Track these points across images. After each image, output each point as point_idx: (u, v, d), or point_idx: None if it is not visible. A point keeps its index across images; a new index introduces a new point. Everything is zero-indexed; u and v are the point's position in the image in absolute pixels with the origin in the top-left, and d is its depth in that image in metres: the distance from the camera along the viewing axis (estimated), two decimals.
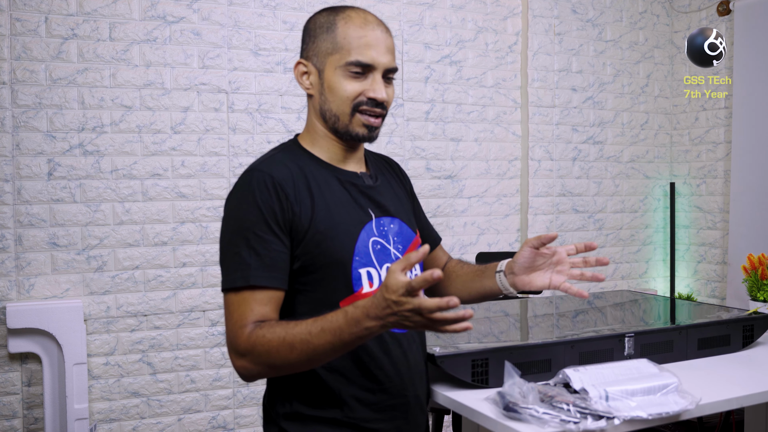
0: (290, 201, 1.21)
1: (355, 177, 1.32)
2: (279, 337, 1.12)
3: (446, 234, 3.30)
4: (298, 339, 1.11)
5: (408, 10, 3.21)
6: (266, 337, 1.13)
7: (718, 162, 3.68)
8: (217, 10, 2.83)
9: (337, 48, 1.26)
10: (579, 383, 1.28)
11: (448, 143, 3.31)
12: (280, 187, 1.21)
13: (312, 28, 1.31)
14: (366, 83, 1.26)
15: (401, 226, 1.34)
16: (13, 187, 2.54)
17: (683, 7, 3.83)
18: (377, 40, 1.26)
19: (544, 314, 1.94)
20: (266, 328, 1.14)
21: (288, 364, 1.13)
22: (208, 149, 2.83)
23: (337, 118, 1.28)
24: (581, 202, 3.65)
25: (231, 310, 1.18)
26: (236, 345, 1.15)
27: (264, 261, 1.18)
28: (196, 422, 2.81)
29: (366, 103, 1.26)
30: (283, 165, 1.25)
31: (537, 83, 3.49)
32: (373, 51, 1.25)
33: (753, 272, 2.13)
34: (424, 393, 1.37)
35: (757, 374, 1.51)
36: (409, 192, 1.51)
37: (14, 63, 2.53)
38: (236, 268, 1.18)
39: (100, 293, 2.67)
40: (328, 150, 1.32)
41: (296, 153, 1.31)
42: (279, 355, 1.12)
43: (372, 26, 1.27)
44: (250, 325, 1.15)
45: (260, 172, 1.22)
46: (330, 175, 1.29)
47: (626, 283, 3.79)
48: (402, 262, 1.02)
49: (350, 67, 1.25)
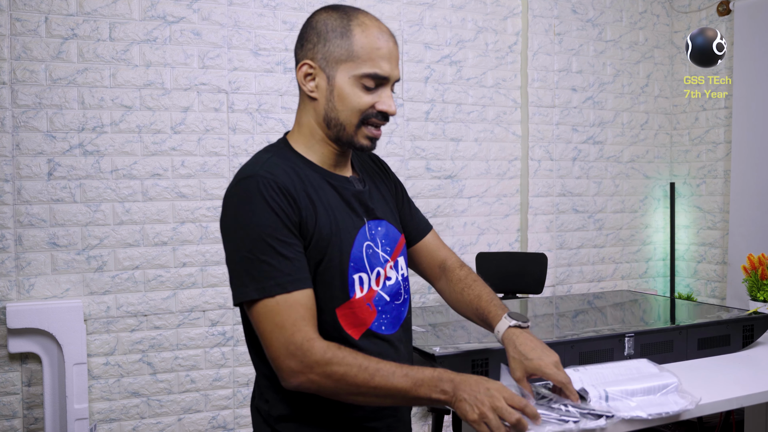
0: (298, 205, 1.19)
1: (346, 182, 1.30)
2: (358, 362, 1.12)
3: (446, 234, 3.30)
4: (380, 374, 1.12)
5: (408, 10, 3.21)
6: (347, 359, 1.12)
7: (718, 162, 3.68)
8: (217, 10, 2.83)
9: (353, 56, 1.21)
10: (579, 383, 1.28)
11: (448, 143, 3.31)
12: (287, 191, 1.18)
13: (322, 29, 1.24)
14: (376, 95, 1.24)
15: (388, 228, 1.33)
16: (13, 187, 2.54)
17: (683, 7, 3.83)
18: (391, 52, 1.24)
19: (544, 314, 1.94)
20: (346, 350, 1.13)
21: (355, 390, 1.13)
22: (208, 149, 2.83)
23: (343, 127, 1.25)
24: (581, 202, 3.65)
25: (276, 320, 1.14)
26: (306, 356, 1.12)
27: (295, 264, 1.16)
28: (196, 422, 2.81)
29: (375, 115, 1.25)
30: (280, 169, 1.22)
31: (537, 83, 3.49)
32: (388, 64, 1.23)
33: (753, 272, 2.13)
34: None
35: (757, 374, 1.51)
36: (394, 184, 1.48)
37: (14, 63, 2.53)
38: (269, 276, 1.14)
39: (100, 293, 2.67)
40: (322, 154, 1.29)
41: (288, 156, 1.27)
42: (355, 379, 1.12)
43: (386, 37, 1.24)
44: (317, 338, 1.13)
45: (264, 178, 1.18)
46: (322, 180, 1.27)
47: (626, 283, 3.79)
48: (520, 400, 1.11)
49: (366, 79, 1.22)
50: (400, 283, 1.33)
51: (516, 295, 3.11)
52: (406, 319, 1.35)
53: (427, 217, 3.60)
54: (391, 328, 1.30)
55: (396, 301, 1.31)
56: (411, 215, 1.48)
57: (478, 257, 3.17)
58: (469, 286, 1.44)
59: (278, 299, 1.13)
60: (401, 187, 1.49)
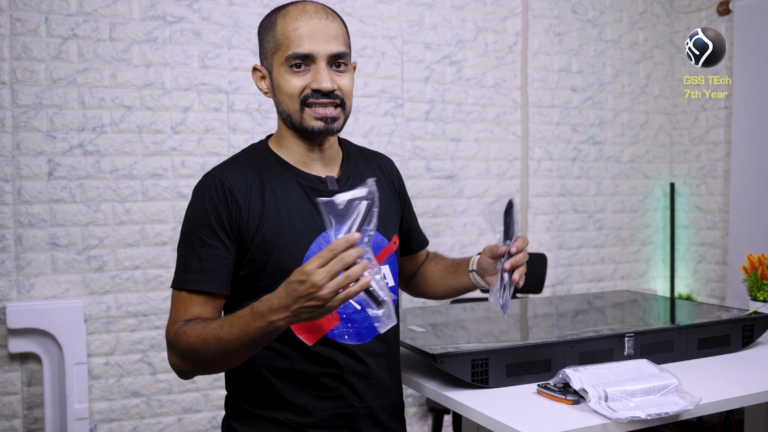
0: (239, 207, 1.21)
1: (318, 181, 1.29)
2: (197, 332, 1.14)
3: (446, 234, 3.30)
4: (211, 334, 1.12)
5: (408, 10, 3.21)
6: (187, 333, 1.15)
7: (718, 162, 3.68)
8: (217, 10, 2.83)
9: (278, 45, 1.24)
10: (579, 383, 1.28)
11: (448, 143, 3.31)
12: (230, 193, 1.22)
13: (260, 32, 1.30)
14: (309, 75, 1.23)
15: None
16: (13, 187, 2.54)
17: (683, 7, 3.83)
18: (314, 28, 1.22)
19: (544, 314, 1.94)
20: (190, 324, 1.17)
21: (206, 359, 1.15)
22: (208, 149, 2.83)
23: (290, 116, 1.26)
24: (581, 202, 3.65)
25: (173, 311, 1.22)
26: (168, 341, 1.20)
27: (204, 266, 1.20)
28: (196, 422, 2.82)
29: (312, 95, 1.23)
30: (239, 170, 1.25)
31: (537, 83, 3.49)
32: (309, 41, 1.21)
33: (753, 272, 2.12)
34: (387, 406, 1.33)
35: (757, 374, 1.51)
36: (398, 193, 1.46)
37: (14, 63, 2.53)
38: (180, 270, 1.22)
39: (100, 293, 2.67)
40: (294, 151, 1.30)
41: (261, 156, 1.30)
42: (196, 350, 1.14)
43: (308, 15, 1.23)
44: (180, 322, 1.19)
45: (213, 177, 1.24)
46: (291, 180, 1.27)
47: (626, 283, 3.80)
48: (317, 259, 1.00)
49: (289, 61, 1.22)
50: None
51: (516, 295, 3.12)
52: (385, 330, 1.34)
53: (427, 217, 3.60)
54: (357, 339, 1.26)
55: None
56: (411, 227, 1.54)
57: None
58: (434, 263, 1.57)
59: (182, 294, 1.21)
60: (407, 198, 1.52)
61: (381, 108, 3.13)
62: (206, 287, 1.20)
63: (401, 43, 3.19)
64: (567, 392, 1.30)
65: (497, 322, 1.80)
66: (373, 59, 3.12)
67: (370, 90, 3.11)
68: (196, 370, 1.20)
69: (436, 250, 1.69)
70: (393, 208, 1.42)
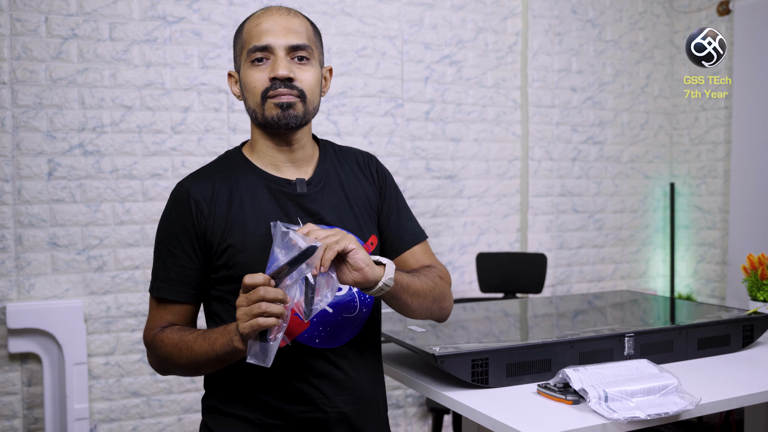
0: (204, 217, 1.25)
1: (286, 184, 1.28)
2: (173, 342, 1.22)
3: (446, 234, 3.30)
4: (186, 346, 1.20)
5: (408, 10, 3.21)
6: (164, 341, 1.24)
7: (718, 162, 3.68)
8: (217, 10, 2.83)
9: (243, 45, 1.28)
10: (579, 383, 1.28)
11: (448, 143, 3.31)
12: (195, 203, 1.25)
13: (233, 39, 1.34)
14: (269, 68, 1.25)
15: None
16: (13, 187, 2.54)
17: (683, 7, 3.83)
18: (274, 23, 1.25)
19: (544, 314, 1.94)
20: (167, 332, 1.24)
21: (180, 366, 1.23)
22: (208, 149, 2.83)
23: (255, 111, 1.27)
24: (581, 202, 3.65)
25: (149, 315, 1.31)
26: (144, 342, 1.29)
27: (170, 275, 1.26)
28: (196, 422, 2.82)
29: (271, 87, 1.24)
30: (207, 179, 1.28)
31: (537, 83, 3.49)
32: (268, 34, 1.24)
33: (753, 272, 2.12)
34: (363, 411, 1.30)
35: (757, 374, 1.52)
36: (379, 190, 1.38)
37: (14, 63, 2.53)
38: (152, 276, 1.29)
39: (100, 293, 2.67)
40: (265, 154, 1.30)
41: (234, 163, 1.31)
42: (171, 357, 1.22)
43: (270, 13, 1.27)
44: (157, 328, 1.27)
45: (181, 188, 1.28)
46: (260, 184, 1.28)
47: (626, 283, 3.79)
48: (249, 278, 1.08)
49: (251, 56, 1.25)
50: (354, 294, 1.28)
51: (516, 295, 3.12)
52: (361, 333, 1.29)
53: (427, 217, 3.59)
54: (329, 342, 1.25)
55: (345, 314, 1.27)
56: (398, 224, 1.38)
57: (478, 257, 3.17)
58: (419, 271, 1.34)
59: (155, 298, 1.29)
60: (390, 195, 1.39)
61: (381, 108, 3.13)
62: (169, 296, 1.27)
63: (401, 43, 3.19)
64: (567, 392, 1.30)
65: (497, 322, 1.80)
66: (373, 59, 3.12)
67: (370, 90, 3.11)
68: (174, 372, 1.28)
69: (436, 251, 1.66)
70: (372, 207, 1.36)
